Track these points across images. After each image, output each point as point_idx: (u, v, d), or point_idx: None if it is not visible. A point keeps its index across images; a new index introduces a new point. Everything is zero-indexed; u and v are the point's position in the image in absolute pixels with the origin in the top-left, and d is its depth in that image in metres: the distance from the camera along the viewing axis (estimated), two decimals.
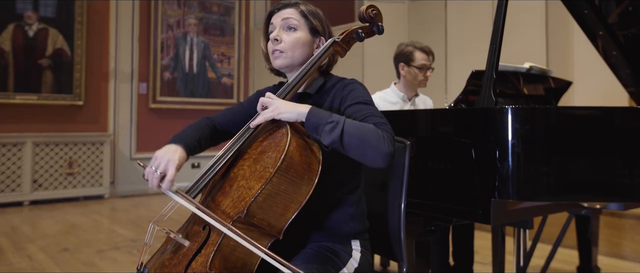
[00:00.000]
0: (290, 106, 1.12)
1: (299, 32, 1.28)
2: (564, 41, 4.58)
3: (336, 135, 1.06)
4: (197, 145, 1.26)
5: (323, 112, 1.11)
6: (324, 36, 1.31)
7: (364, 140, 1.06)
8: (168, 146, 1.18)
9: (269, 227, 1.08)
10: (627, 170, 1.42)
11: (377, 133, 1.07)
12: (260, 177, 1.05)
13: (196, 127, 1.31)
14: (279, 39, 1.27)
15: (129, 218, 4.29)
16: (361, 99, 1.20)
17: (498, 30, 1.62)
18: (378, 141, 1.06)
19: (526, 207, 1.63)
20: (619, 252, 3.16)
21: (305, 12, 1.29)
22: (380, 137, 1.07)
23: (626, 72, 2.21)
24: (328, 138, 1.07)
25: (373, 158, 1.07)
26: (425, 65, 2.50)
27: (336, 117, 1.08)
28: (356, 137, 1.06)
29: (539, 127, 1.43)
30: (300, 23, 1.28)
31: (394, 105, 2.56)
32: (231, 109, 1.42)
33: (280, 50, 1.27)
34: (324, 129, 1.07)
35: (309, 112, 1.10)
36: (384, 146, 1.06)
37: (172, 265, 1.09)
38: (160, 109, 5.83)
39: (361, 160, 1.10)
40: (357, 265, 1.24)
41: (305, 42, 1.28)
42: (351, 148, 1.07)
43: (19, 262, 2.92)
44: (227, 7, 6.38)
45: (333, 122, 1.07)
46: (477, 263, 2.85)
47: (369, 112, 1.16)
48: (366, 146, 1.06)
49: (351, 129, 1.07)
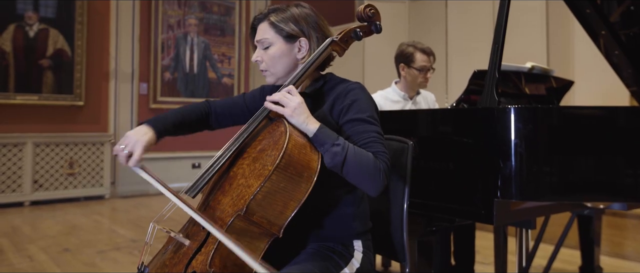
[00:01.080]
0: (303, 118, 1.13)
1: (273, 47, 1.27)
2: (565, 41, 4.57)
3: (338, 161, 1.10)
4: (171, 129, 1.31)
5: (331, 135, 1.12)
6: (305, 36, 1.27)
7: (362, 172, 1.11)
8: (140, 127, 1.26)
9: (269, 224, 1.09)
10: (630, 169, 1.41)
11: (375, 167, 1.11)
12: (259, 175, 1.06)
13: (180, 112, 1.37)
14: (259, 59, 1.30)
15: (129, 219, 4.29)
16: (364, 116, 1.18)
17: (500, 30, 1.62)
18: (374, 175, 1.11)
19: (529, 207, 1.62)
20: (622, 252, 3.15)
21: (276, 22, 1.26)
22: (378, 171, 1.11)
23: (628, 72, 2.20)
24: (330, 162, 1.11)
25: (366, 189, 1.15)
26: (426, 66, 2.49)
27: (342, 143, 1.11)
28: (356, 167, 1.10)
29: (542, 127, 1.43)
30: (272, 37, 1.27)
31: (396, 104, 2.55)
32: (232, 99, 1.45)
33: (264, 70, 1.30)
34: (329, 149, 1.11)
35: (317, 131, 1.12)
36: (378, 181, 1.12)
37: (173, 264, 1.10)
38: (161, 109, 5.82)
39: (355, 185, 1.15)
40: (359, 265, 1.24)
41: (282, 53, 1.27)
42: (348, 175, 1.12)
43: (19, 263, 2.92)
44: (228, 7, 6.37)
45: (339, 146, 1.10)
46: (478, 263, 2.85)
47: (371, 137, 1.16)
48: (362, 177, 1.11)
49: (352, 158, 1.10)
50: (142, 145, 1.20)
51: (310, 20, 1.28)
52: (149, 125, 1.27)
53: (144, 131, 1.24)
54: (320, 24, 1.29)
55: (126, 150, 1.19)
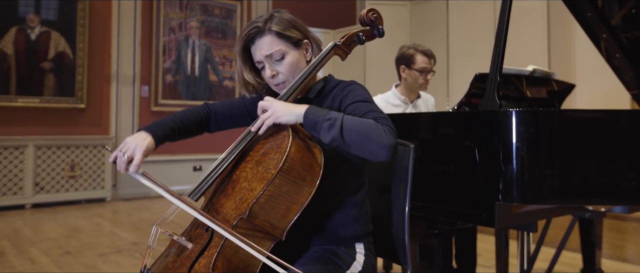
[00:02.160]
0: (288, 108, 1.12)
1: (288, 56, 1.25)
2: (566, 43, 4.57)
3: (335, 132, 1.06)
4: (170, 134, 1.29)
5: (321, 110, 1.11)
6: (307, 38, 1.29)
7: (364, 135, 1.05)
8: (139, 133, 1.24)
9: (272, 228, 1.09)
10: (632, 172, 1.41)
11: (377, 126, 1.06)
12: (262, 179, 1.06)
13: (179, 117, 1.34)
14: (275, 73, 1.25)
15: (131, 222, 4.29)
16: (360, 98, 1.19)
17: (502, 33, 1.62)
18: (379, 134, 1.05)
19: (531, 210, 1.62)
20: (623, 255, 3.15)
21: (280, 32, 1.24)
22: (381, 130, 1.06)
23: (629, 75, 2.20)
24: (328, 136, 1.07)
25: (375, 152, 1.06)
26: (426, 68, 2.50)
27: (334, 114, 1.08)
28: (356, 132, 1.05)
29: (543, 130, 1.43)
30: (283, 48, 1.24)
31: (396, 108, 2.55)
32: (231, 102, 1.43)
33: (282, 82, 1.26)
34: (322, 126, 1.07)
35: (306, 112, 1.10)
36: (385, 138, 1.05)
37: (176, 267, 1.10)
38: (162, 112, 5.83)
39: (363, 155, 1.09)
40: (361, 268, 1.24)
41: (297, 60, 1.26)
42: (352, 143, 1.06)
43: (21, 265, 2.92)
44: (229, 10, 6.39)
45: (331, 119, 1.07)
46: (480, 266, 2.84)
47: (368, 108, 1.15)
48: (367, 140, 1.05)
49: (350, 124, 1.06)
50: (142, 150, 1.18)
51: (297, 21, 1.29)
52: (148, 131, 1.24)
53: (143, 136, 1.22)
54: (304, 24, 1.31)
55: (126, 155, 1.16)
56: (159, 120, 1.31)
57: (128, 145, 1.18)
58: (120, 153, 1.17)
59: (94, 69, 5.37)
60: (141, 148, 1.18)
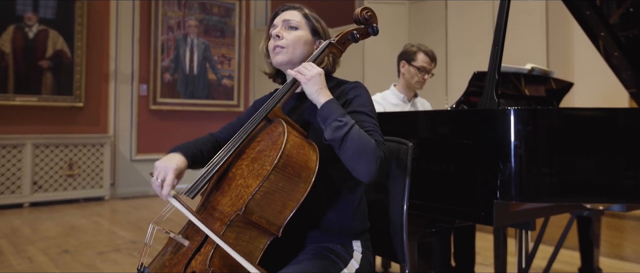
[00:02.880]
0: (317, 88, 1.18)
1: (300, 31, 1.32)
2: (564, 42, 4.58)
3: (339, 135, 1.10)
4: (198, 154, 1.28)
5: (338, 109, 1.15)
6: (323, 39, 1.35)
7: (361, 153, 1.11)
8: (168, 155, 1.22)
9: (268, 224, 1.09)
10: (630, 171, 1.41)
11: (375, 152, 1.12)
12: (257, 175, 1.07)
13: (197, 141, 1.34)
14: (280, 35, 1.31)
15: (129, 220, 4.29)
16: (366, 110, 1.23)
17: (500, 32, 1.62)
18: (371, 160, 1.11)
19: (529, 209, 1.62)
20: (621, 253, 3.15)
21: (308, 14, 1.34)
22: (375, 157, 1.11)
23: (628, 73, 2.20)
24: (330, 134, 1.12)
25: (360, 172, 1.13)
26: (425, 67, 2.51)
27: (347, 119, 1.12)
28: (356, 146, 1.10)
29: (542, 128, 1.43)
30: (302, 23, 1.33)
31: (395, 106, 2.56)
32: (232, 124, 1.45)
33: (281, 46, 1.30)
34: (331, 124, 1.12)
35: (326, 101, 1.16)
36: (374, 165, 1.11)
37: (172, 265, 1.10)
38: (161, 111, 5.83)
39: (348, 167, 1.14)
40: (358, 266, 1.24)
41: (306, 41, 1.32)
42: (346, 153, 1.12)
43: (19, 264, 2.92)
44: (228, 9, 6.38)
45: (342, 122, 1.11)
46: (478, 264, 2.85)
47: (372, 127, 1.19)
48: (360, 158, 1.11)
49: (355, 136, 1.11)
50: (173, 169, 1.15)
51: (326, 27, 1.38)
52: (175, 151, 1.23)
53: (172, 156, 1.20)
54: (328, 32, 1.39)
55: (159, 179, 1.14)
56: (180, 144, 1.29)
57: (159, 170, 1.16)
58: (154, 180, 1.15)
59: (92, 68, 5.37)
60: (171, 168, 1.15)
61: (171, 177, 1.14)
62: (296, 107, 1.34)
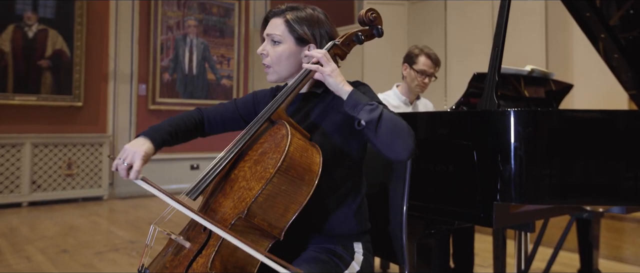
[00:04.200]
0: (340, 79, 1.18)
1: (282, 45, 1.27)
2: (564, 43, 4.58)
3: (375, 115, 1.11)
4: (168, 139, 1.29)
5: (363, 96, 1.16)
6: (315, 42, 1.29)
7: (397, 132, 1.12)
8: (137, 139, 1.24)
9: (270, 227, 1.09)
10: (629, 173, 1.41)
11: (408, 129, 1.14)
12: (260, 178, 1.06)
13: (175, 121, 1.34)
14: (265, 52, 1.29)
15: (128, 220, 4.28)
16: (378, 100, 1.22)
17: (500, 33, 1.62)
18: (409, 136, 1.13)
19: (528, 210, 1.62)
20: (620, 255, 3.15)
21: (291, 21, 1.27)
22: (410, 134, 1.13)
23: (627, 75, 2.21)
24: (367, 115, 1.11)
25: (399, 150, 1.13)
26: (426, 71, 2.49)
27: (376, 103, 1.14)
28: (391, 125, 1.12)
29: (542, 130, 1.43)
30: (284, 35, 1.27)
31: (396, 108, 2.55)
32: (224, 105, 1.44)
33: (267, 65, 1.30)
34: (364, 108, 1.13)
35: (352, 91, 1.16)
36: (411, 142, 1.13)
37: (173, 267, 1.09)
38: (160, 110, 5.82)
39: (385, 149, 1.14)
40: (359, 268, 1.24)
41: (290, 54, 1.27)
42: (383, 133, 1.12)
43: (17, 264, 2.91)
44: (227, 9, 6.38)
45: (374, 105, 1.13)
46: (477, 266, 2.85)
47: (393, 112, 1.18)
48: (398, 137, 1.12)
49: (389, 116, 1.13)
50: (141, 156, 1.18)
51: (324, 27, 1.30)
52: (146, 136, 1.25)
53: (141, 142, 1.22)
54: (332, 32, 1.32)
55: (125, 162, 1.17)
56: (156, 125, 1.31)
57: (127, 152, 1.19)
58: (119, 161, 1.18)
59: (91, 67, 5.36)
60: (140, 154, 1.18)
61: (139, 163, 1.17)
62: (300, 108, 1.33)
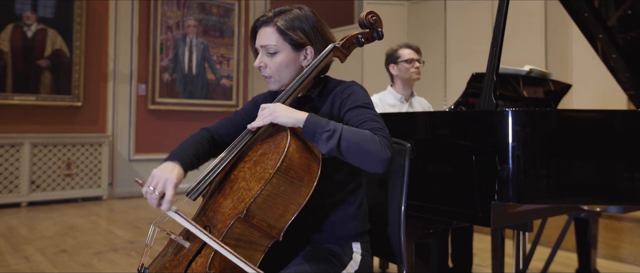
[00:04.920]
0: (289, 111, 1.13)
1: (280, 55, 1.25)
2: (563, 44, 4.59)
3: (333, 144, 1.07)
4: (194, 161, 1.22)
5: (321, 120, 1.10)
6: (311, 44, 1.27)
7: (361, 147, 1.07)
8: (165, 164, 1.15)
9: (269, 227, 1.09)
10: (628, 173, 1.42)
11: (373, 139, 1.08)
12: (260, 178, 1.06)
13: (193, 142, 1.28)
14: (263, 65, 1.27)
15: (127, 220, 4.28)
16: (360, 102, 1.20)
17: (499, 33, 1.62)
18: (375, 148, 1.07)
19: (526, 210, 1.63)
20: (618, 254, 3.16)
21: (282, 27, 1.24)
22: (377, 142, 1.07)
23: (626, 75, 2.21)
24: (325, 147, 1.08)
25: (371, 165, 1.08)
26: (413, 58, 2.53)
27: (333, 125, 1.08)
28: (353, 144, 1.07)
29: (540, 130, 1.43)
30: (279, 44, 1.24)
31: (392, 107, 2.56)
32: (228, 119, 1.41)
33: (268, 76, 1.28)
34: (321, 137, 1.08)
35: (307, 119, 1.10)
36: (381, 152, 1.07)
37: (173, 267, 1.10)
38: (159, 110, 5.82)
39: (359, 166, 1.11)
40: (357, 267, 1.24)
41: (289, 61, 1.26)
42: (349, 155, 1.08)
43: (16, 264, 2.91)
44: (227, 9, 6.38)
45: (330, 131, 1.07)
46: (476, 265, 2.85)
47: (367, 117, 1.16)
48: (364, 153, 1.07)
49: (348, 135, 1.07)
50: (173, 183, 1.09)
51: (316, 26, 1.27)
52: (174, 160, 1.16)
53: (171, 167, 1.13)
54: (324, 29, 1.29)
55: (157, 191, 1.08)
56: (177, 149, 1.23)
57: (157, 179, 1.10)
58: (149, 189, 1.09)
59: (90, 67, 5.36)
60: (172, 181, 1.09)
61: (171, 192, 1.08)
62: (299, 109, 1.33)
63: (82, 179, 5.18)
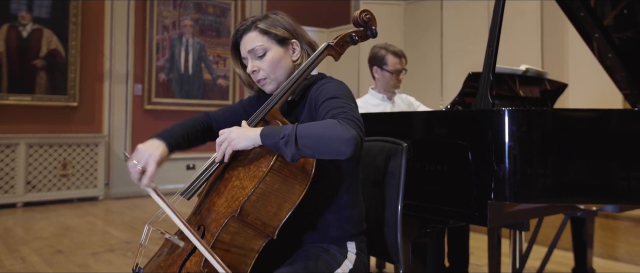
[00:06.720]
0: (243, 134, 1.08)
1: (269, 53, 1.26)
2: (559, 43, 4.60)
3: (292, 146, 1.00)
4: (182, 142, 1.27)
5: (274, 129, 1.05)
6: (295, 37, 1.30)
7: (321, 137, 1.00)
8: (151, 141, 1.20)
9: (263, 226, 1.09)
10: (624, 172, 1.42)
11: (333, 124, 1.01)
12: (253, 177, 1.07)
13: (186, 125, 1.33)
14: (256, 69, 1.27)
15: (123, 220, 4.27)
16: (328, 95, 1.16)
17: (495, 32, 1.63)
18: (336, 131, 1.00)
19: (523, 209, 1.63)
20: (614, 253, 3.17)
21: (264, 28, 1.26)
22: (337, 125, 1.01)
23: (621, 75, 2.22)
24: (288, 153, 1.02)
25: (337, 150, 1.00)
26: (398, 69, 2.54)
27: (287, 129, 1.02)
28: (312, 138, 1.01)
29: (536, 129, 1.44)
30: (265, 43, 1.26)
31: (377, 107, 2.59)
32: (231, 108, 1.43)
33: (262, 78, 1.28)
34: (280, 146, 1.02)
35: (262, 135, 1.05)
36: (343, 132, 0.99)
37: (167, 266, 1.10)
38: (156, 110, 5.81)
39: (330, 157, 1.03)
40: (352, 266, 1.24)
41: (279, 57, 1.27)
42: (313, 150, 1.02)
43: (12, 265, 2.90)
44: (223, 8, 6.37)
45: (285, 137, 1.01)
46: (472, 264, 2.85)
47: (330, 107, 1.11)
48: (326, 141, 1.00)
49: (304, 132, 1.01)
50: (155, 159, 1.14)
51: (293, 24, 1.31)
52: (160, 139, 1.21)
53: (156, 145, 1.18)
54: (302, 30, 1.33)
55: (139, 165, 1.12)
56: (168, 128, 1.28)
57: (141, 154, 1.14)
58: (133, 163, 1.13)
59: (86, 67, 5.34)
60: (155, 157, 1.14)
61: (152, 168, 1.12)
62: (289, 113, 1.33)
63: (78, 179, 5.16)
